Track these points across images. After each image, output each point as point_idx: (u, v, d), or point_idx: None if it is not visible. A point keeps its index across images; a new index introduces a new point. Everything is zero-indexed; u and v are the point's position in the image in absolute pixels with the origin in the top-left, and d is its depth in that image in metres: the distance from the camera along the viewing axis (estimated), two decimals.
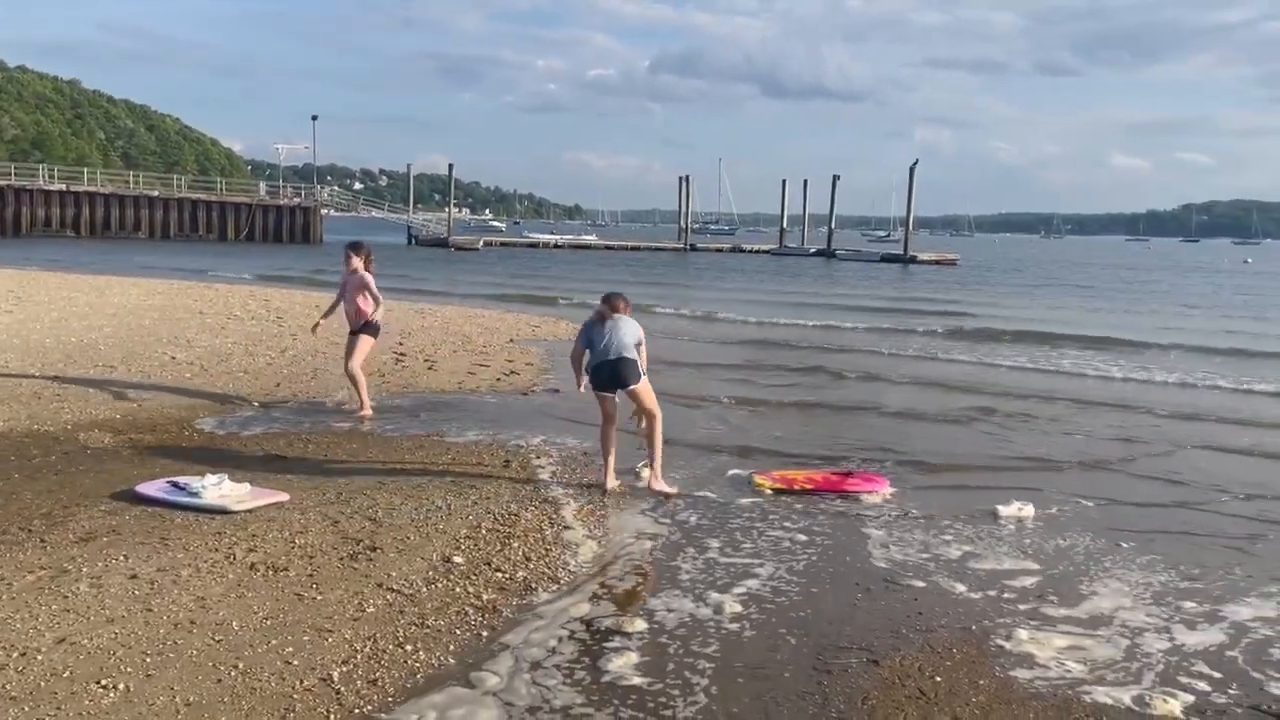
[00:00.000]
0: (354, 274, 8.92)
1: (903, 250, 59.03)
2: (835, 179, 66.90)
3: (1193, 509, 6.84)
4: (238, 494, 5.91)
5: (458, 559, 5.14)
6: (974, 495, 6.93)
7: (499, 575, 4.96)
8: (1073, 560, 5.59)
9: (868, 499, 6.70)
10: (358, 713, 3.55)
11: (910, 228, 61.23)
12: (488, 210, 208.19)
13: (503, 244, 67.24)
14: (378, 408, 9.08)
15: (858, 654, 4.24)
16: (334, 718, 3.51)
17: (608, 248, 69.15)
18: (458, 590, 4.74)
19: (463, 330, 15.52)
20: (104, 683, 3.63)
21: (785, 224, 74.08)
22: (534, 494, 6.48)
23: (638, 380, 6.54)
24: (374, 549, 5.22)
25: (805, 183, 74.04)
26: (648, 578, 5.11)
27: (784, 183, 73.69)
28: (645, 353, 6.71)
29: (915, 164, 58.90)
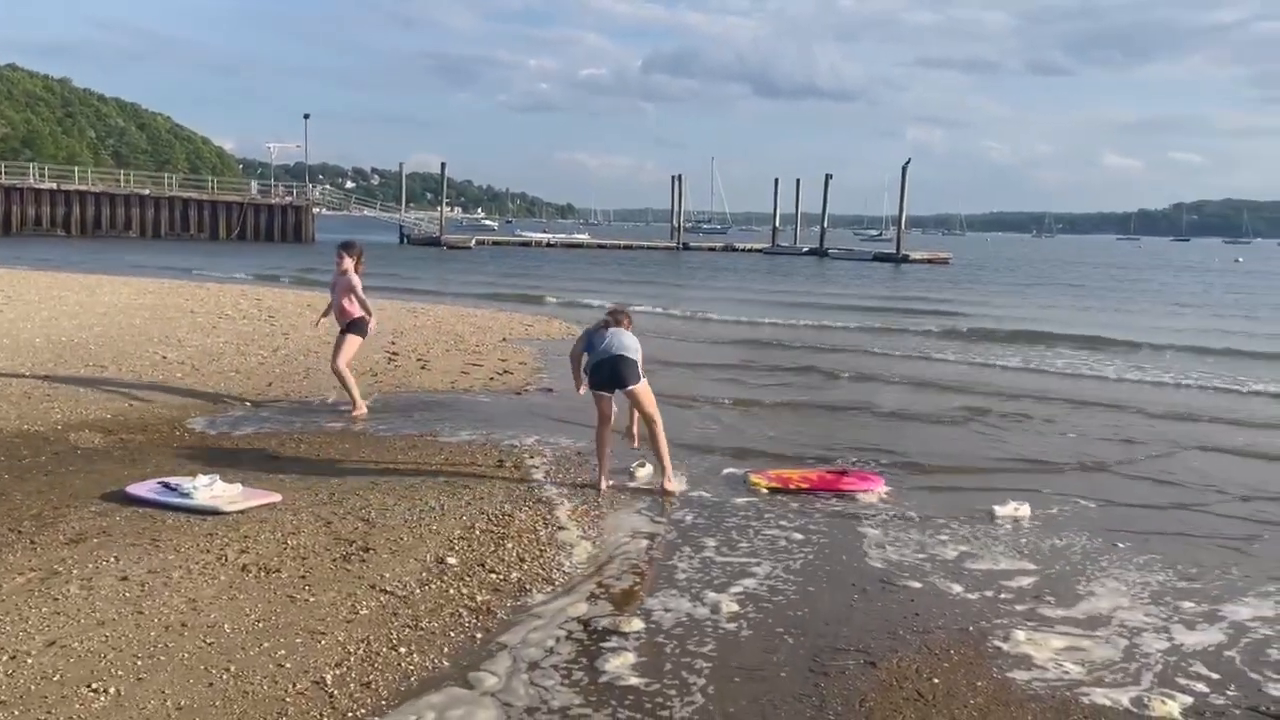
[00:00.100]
0: (344, 275, 8.89)
1: (895, 249, 59.11)
2: (828, 178, 67.11)
3: (1189, 509, 6.83)
4: (229, 495, 5.87)
5: (452, 560, 5.11)
6: (969, 495, 6.91)
7: (493, 576, 4.93)
8: (1069, 560, 5.58)
9: (863, 498, 6.69)
10: (351, 716, 3.52)
11: (902, 227, 61.33)
12: (480, 209, 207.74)
13: (495, 243, 67.22)
14: (371, 406, 9.05)
15: (855, 655, 4.22)
16: None
17: (600, 247, 69.20)
18: (452, 592, 4.71)
19: (455, 329, 15.47)
20: (95, 686, 3.59)
21: (778, 223, 74.15)
22: (528, 494, 6.44)
23: (637, 381, 6.54)
24: (367, 550, 5.18)
25: (798, 182, 74.35)
26: (644, 577, 5.09)
27: (776, 182, 73.87)
28: (641, 359, 6.71)
29: (908, 163, 59.04)
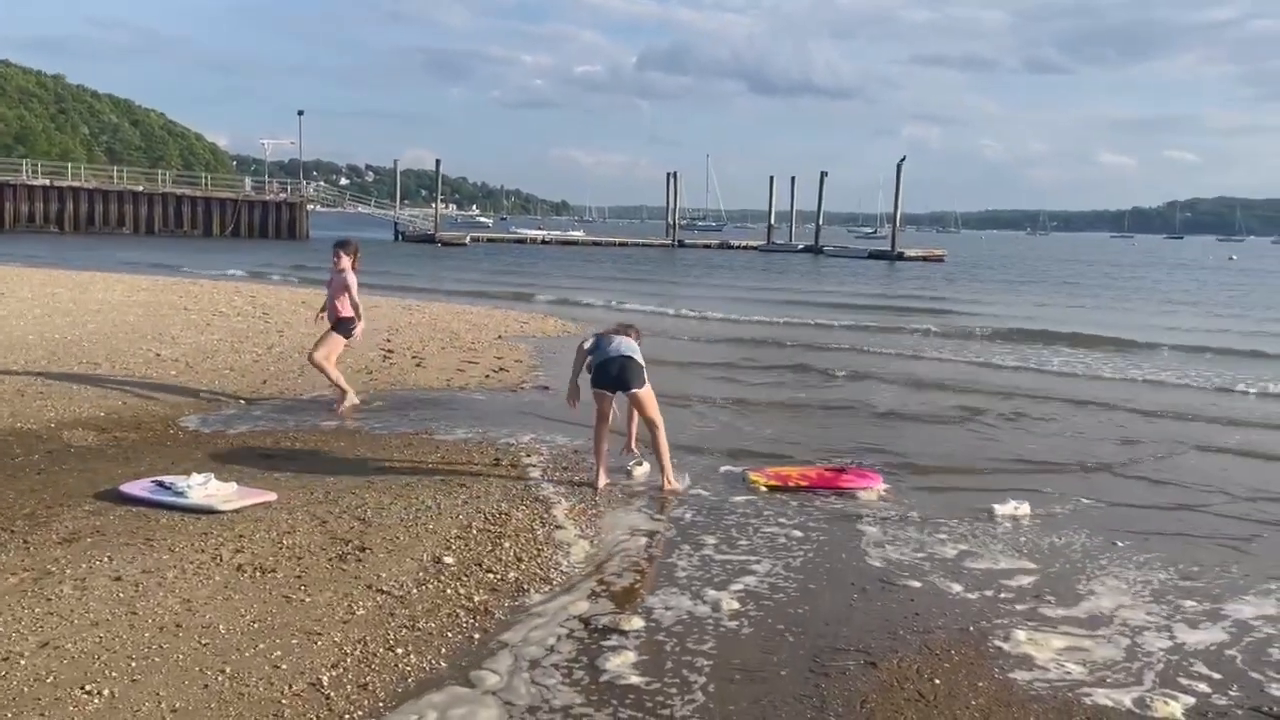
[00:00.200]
0: (340, 273, 8.85)
1: (890, 246, 59.18)
2: (823, 175, 67.19)
3: (1188, 508, 6.81)
4: (224, 493, 5.82)
5: (448, 559, 5.07)
6: (968, 494, 6.89)
7: (490, 576, 4.89)
8: (1070, 559, 5.56)
9: (863, 495, 6.66)
10: (347, 718, 3.48)
11: (897, 224, 61.46)
12: (475, 206, 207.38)
13: (489, 240, 67.13)
14: (366, 404, 9.00)
15: (855, 656, 4.19)
16: None
17: (595, 243, 69.22)
18: (449, 592, 4.67)
19: (450, 327, 15.42)
20: (88, 688, 3.55)
21: (773, 220, 74.25)
22: (525, 492, 6.41)
23: (641, 385, 6.53)
24: (363, 549, 5.14)
25: (793, 179, 74.51)
26: (644, 575, 5.06)
27: (771, 179, 73.91)
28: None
29: (903, 161, 59.13)
